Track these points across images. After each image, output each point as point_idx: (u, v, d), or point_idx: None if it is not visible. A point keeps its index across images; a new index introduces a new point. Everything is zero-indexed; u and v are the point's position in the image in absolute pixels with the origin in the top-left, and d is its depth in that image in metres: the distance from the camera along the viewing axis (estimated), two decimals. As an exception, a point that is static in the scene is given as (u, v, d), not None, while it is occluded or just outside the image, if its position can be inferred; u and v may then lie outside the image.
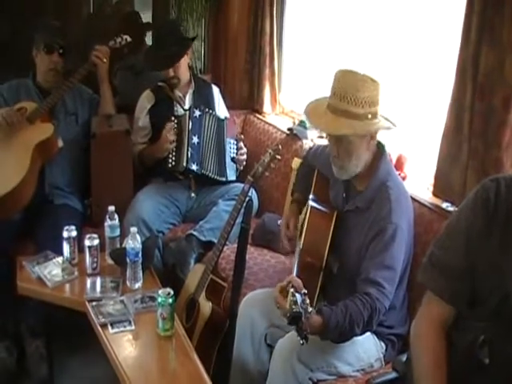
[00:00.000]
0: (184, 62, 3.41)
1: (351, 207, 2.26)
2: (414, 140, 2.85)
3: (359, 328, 2.01)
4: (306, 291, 1.86)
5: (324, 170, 2.45)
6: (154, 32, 3.55)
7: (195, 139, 3.24)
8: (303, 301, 1.81)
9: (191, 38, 3.70)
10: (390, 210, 2.10)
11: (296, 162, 3.00)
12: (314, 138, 3.24)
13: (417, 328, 1.68)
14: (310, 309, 1.81)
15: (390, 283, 2.06)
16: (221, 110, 3.57)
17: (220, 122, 3.36)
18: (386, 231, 2.08)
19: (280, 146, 2.60)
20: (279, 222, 2.66)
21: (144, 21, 4.45)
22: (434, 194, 2.49)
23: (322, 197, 2.39)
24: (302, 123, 3.35)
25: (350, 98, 2.07)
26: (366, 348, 2.18)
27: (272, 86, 3.86)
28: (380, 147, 2.25)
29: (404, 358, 1.86)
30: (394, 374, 1.91)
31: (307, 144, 3.16)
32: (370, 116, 2.10)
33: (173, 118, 3.27)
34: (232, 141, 3.36)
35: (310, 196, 2.40)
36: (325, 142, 2.92)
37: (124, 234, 2.78)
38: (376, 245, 2.10)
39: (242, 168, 3.38)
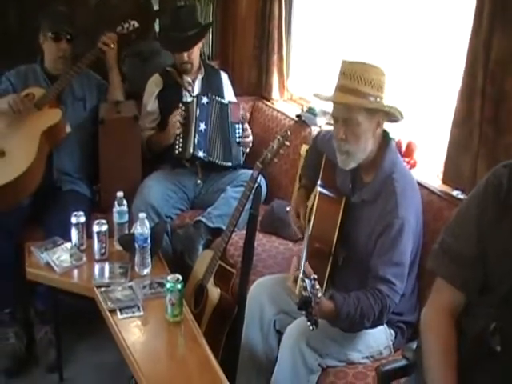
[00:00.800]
0: (197, 47, 3.41)
1: (357, 200, 2.24)
2: (423, 127, 2.83)
3: (369, 322, 2.01)
4: (316, 276, 1.86)
5: (332, 155, 2.43)
6: (171, 14, 3.51)
7: (202, 126, 3.24)
8: (313, 286, 1.81)
9: (208, 24, 3.69)
10: (395, 204, 2.09)
11: (304, 149, 3.00)
12: (322, 125, 3.22)
13: (427, 315, 1.67)
14: (319, 294, 1.81)
15: (400, 279, 2.06)
16: (229, 96, 3.56)
17: (224, 106, 3.35)
18: (392, 226, 2.07)
19: (289, 133, 2.58)
20: (288, 208, 2.65)
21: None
22: (444, 181, 2.46)
23: (330, 183, 2.37)
24: (310, 110, 3.33)
25: (359, 77, 2.07)
26: (376, 335, 2.18)
27: (280, 72, 3.84)
28: (386, 137, 2.23)
29: (414, 345, 1.85)
30: (403, 362, 1.89)
31: (316, 131, 3.15)
32: (378, 99, 2.09)
33: (180, 105, 3.26)
34: (237, 125, 3.34)
35: (319, 182, 2.38)
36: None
37: (132, 220, 2.78)
38: (384, 241, 2.09)
39: (247, 150, 3.37)
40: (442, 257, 1.64)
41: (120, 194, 2.71)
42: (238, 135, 3.32)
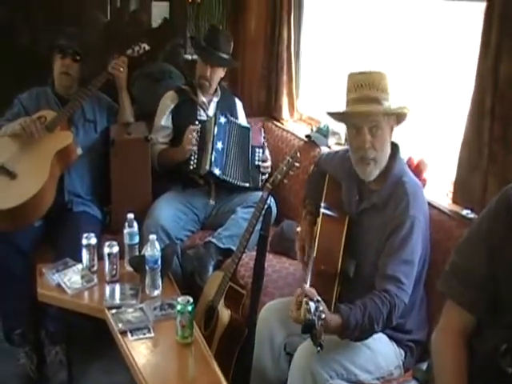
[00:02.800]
0: (221, 72, 3.46)
1: (367, 205, 2.25)
2: (432, 145, 2.83)
3: (379, 326, 2.00)
4: (320, 299, 1.87)
5: (337, 173, 2.46)
6: (210, 31, 3.60)
7: (219, 145, 3.25)
8: (316, 308, 1.81)
9: (236, 62, 3.79)
10: (407, 204, 2.11)
11: (314, 169, 2.99)
12: (332, 145, 3.23)
13: (437, 337, 1.67)
14: (323, 316, 1.81)
15: (409, 278, 2.06)
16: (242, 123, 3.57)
17: (245, 130, 3.37)
18: (404, 225, 2.09)
19: (298, 154, 2.59)
20: (298, 229, 2.65)
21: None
22: (454, 200, 2.47)
23: (333, 202, 2.38)
24: (319, 130, 3.35)
25: (371, 84, 2.12)
26: (386, 355, 2.17)
27: (290, 92, 3.86)
28: (394, 147, 2.25)
29: (424, 366, 1.85)
30: (414, 383, 1.89)
31: (325, 151, 3.15)
32: (389, 102, 2.15)
33: (197, 122, 3.28)
34: (258, 149, 3.35)
35: (322, 204, 2.39)
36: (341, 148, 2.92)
37: (143, 241, 2.79)
38: (394, 240, 2.10)
39: (265, 176, 3.35)
40: (451, 278, 1.64)
41: (130, 215, 2.72)
42: (257, 158, 3.33)
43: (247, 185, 3.30)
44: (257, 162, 3.32)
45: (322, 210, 2.35)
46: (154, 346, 2.26)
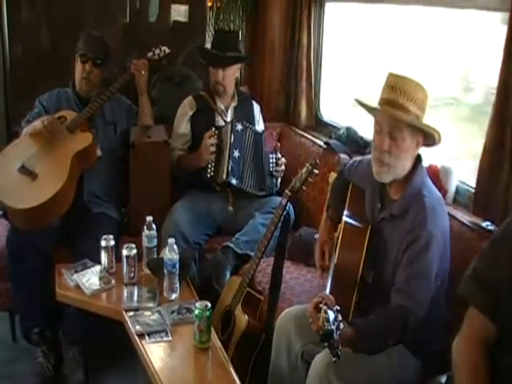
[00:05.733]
0: (233, 73, 3.46)
1: (386, 215, 2.24)
2: (453, 156, 2.82)
3: (392, 340, 2.00)
4: (339, 308, 1.86)
5: (361, 182, 2.45)
6: (216, 34, 3.70)
7: (236, 153, 3.25)
8: (335, 318, 1.81)
9: (247, 56, 3.79)
10: (424, 218, 2.09)
11: (332, 177, 2.99)
12: (350, 153, 3.23)
13: (459, 345, 1.66)
14: (342, 325, 1.81)
15: (424, 293, 2.05)
16: (260, 127, 3.58)
17: (258, 135, 3.37)
18: (420, 239, 2.07)
19: (318, 161, 2.59)
20: (316, 235, 2.65)
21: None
22: (474, 212, 2.45)
23: (356, 211, 2.38)
24: (338, 137, 3.34)
25: (407, 93, 2.09)
26: (403, 366, 2.16)
27: (308, 99, 3.87)
28: (417, 158, 2.23)
29: (443, 379, 1.84)
30: (432, 394, 1.89)
31: (344, 158, 3.15)
32: (421, 121, 2.12)
33: (214, 129, 3.29)
34: (271, 155, 3.35)
35: (345, 212, 2.39)
36: (361, 156, 2.92)
37: (161, 244, 2.80)
38: (410, 253, 2.09)
39: (280, 179, 3.37)
40: (472, 283, 1.64)
41: (150, 218, 2.74)
42: (271, 165, 3.33)
43: (263, 193, 3.31)
44: (271, 169, 3.33)
45: (345, 219, 2.34)
46: (171, 349, 2.27)
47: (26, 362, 3.01)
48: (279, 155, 3.36)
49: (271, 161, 3.34)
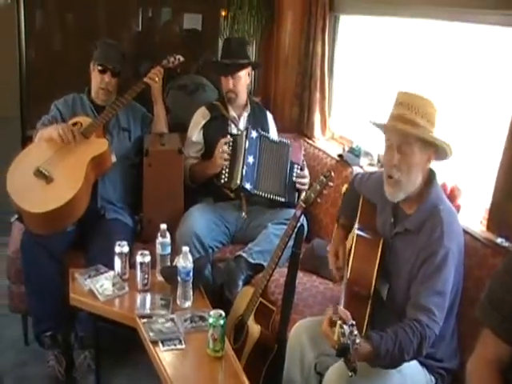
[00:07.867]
0: (244, 79, 3.50)
1: (400, 229, 2.25)
2: (467, 171, 2.83)
3: (409, 355, 1.99)
4: (354, 322, 1.86)
5: (371, 196, 2.46)
6: (223, 43, 3.71)
7: (251, 159, 3.26)
8: (351, 332, 1.80)
9: (256, 62, 3.85)
10: (442, 233, 2.09)
11: (345, 188, 3.01)
12: (364, 166, 3.25)
13: (472, 366, 1.66)
14: (357, 340, 1.81)
15: (441, 309, 2.05)
16: (273, 136, 3.58)
17: (282, 144, 3.38)
18: (437, 254, 2.07)
19: (332, 173, 2.61)
20: (328, 247, 2.66)
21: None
22: (488, 227, 2.46)
23: (367, 224, 2.39)
24: (352, 150, 3.35)
25: (416, 108, 2.11)
26: (416, 382, 2.16)
27: (322, 110, 3.88)
28: (431, 174, 2.25)
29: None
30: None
31: (357, 171, 3.16)
32: (431, 134, 2.13)
33: (228, 136, 3.32)
34: (296, 165, 3.35)
35: (356, 225, 2.40)
36: (374, 169, 2.94)
37: (175, 250, 2.82)
38: (427, 268, 2.09)
39: (301, 193, 3.34)
40: (487, 306, 1.64)
41: (164, 226, 2.76)
42: (295, 175, 3.33)
43: (282, 199, 3.30)
44: (294, 179, 3.33)
45: (356, 232, 2.36)
46: (184, 357, 2.29)
47: (38, 366, 3.03)
48: (306, 172, 3.37)
49: (295, 172, 3.34)
